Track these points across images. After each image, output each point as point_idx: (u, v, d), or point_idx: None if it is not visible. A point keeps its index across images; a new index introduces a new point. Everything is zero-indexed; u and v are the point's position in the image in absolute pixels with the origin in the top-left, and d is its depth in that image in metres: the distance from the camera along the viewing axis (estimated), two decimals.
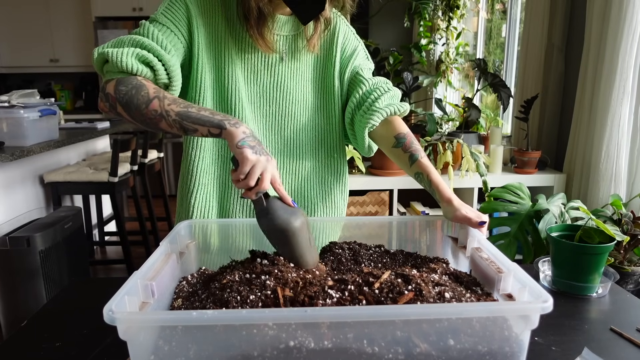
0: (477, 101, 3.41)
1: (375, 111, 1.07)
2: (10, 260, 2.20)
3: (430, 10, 3.58)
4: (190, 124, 0.84)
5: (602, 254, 0.99)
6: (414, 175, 1.06)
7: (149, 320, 0.61)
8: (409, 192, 2.77)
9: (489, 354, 0.62)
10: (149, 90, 0.86)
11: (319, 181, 1.17)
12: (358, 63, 1.15)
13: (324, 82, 1.13)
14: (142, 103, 0.85)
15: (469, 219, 0.92)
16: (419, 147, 1.07)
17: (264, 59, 1.05)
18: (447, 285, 0.72)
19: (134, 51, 0.88)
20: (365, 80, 1.12)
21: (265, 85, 1.06)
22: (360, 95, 1.11)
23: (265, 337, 0.59)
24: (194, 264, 0.94)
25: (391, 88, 1.13)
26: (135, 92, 0.86)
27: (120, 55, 0.87)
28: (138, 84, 0.87)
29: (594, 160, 2.08)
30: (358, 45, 1.17)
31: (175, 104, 0.85)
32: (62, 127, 3.25)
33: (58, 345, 0.81)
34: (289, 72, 1.08)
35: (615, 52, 1.92)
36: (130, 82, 0.87)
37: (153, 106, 0.85)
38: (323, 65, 1.12)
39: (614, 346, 0.81)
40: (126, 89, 0.86)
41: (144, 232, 3.19)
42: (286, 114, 1.09)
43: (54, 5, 5.07)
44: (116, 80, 0.88)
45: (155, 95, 0.86)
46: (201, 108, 0.87)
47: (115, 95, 0.86)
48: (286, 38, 1.06)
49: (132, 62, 0.87)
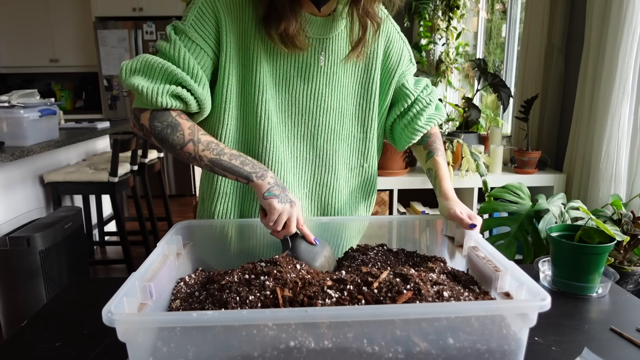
0: (477, 101, 3.41)
1: (416, 129, 1.09)
2: (10, 260, 2.20)
3: (430, 10, 3.57)
4: (221, 170, 0.91)
5: (602, 254, 0.99)
6: (426, 171, 1.10)
7: (148, 321, 0.61)
8: (409, 192, 2.77)
9: (488, 352, 0.62)
10: (184, 132, 0.90)
11: (349, 192, 1.13)
12: (402, 70, 1.09)
13: (364, 89, 1.06)
14: (177, 144, 0.90)
15: (461, 219, 0.92)
16: (438, 146, 1.10)
17: (298, 64, 0.97)
18: (446, 284, 0.72)
19: (168, 89, 0.88)
20: (410, 92, 1.09)
21: (299, 93, 0.99)
22: (405, 108, 1.10)
23: (265, 338, 0.59)
24: (191, 265, 0.94)
25: (432, 99, 1.11)
26: (170, 131, 0.90)
27: (155, 95, 0.88)
28: (173, 122, 0.90)
29: (594, 160, 2.08)
30: (403, 47, 1.10)
31: (208, 149, 0.90)
32: (62, 127, 3.25)
33: (58, 345, 0.81)
34: (325, 78, 1.00)
35: (615, 52, 1.92)
36: (166, 119, 0.90)
37: (187, 149, 0.90)
38: (364, 70, 1.05)
39: (614, 346, 0.81)
40: (161, 126, 0.90)
41: (144, 232, 3.19)
42: (320, 123, 1.03)
43: (54, 5, 5.07)
44: (151, 114, 0.90)
45: (189, 139, 0.90)
46: (233, 155, 0.91)
47: (151, 130, 0.90)
48: (322, 41, 0.97)
49: (167, 100, 0.89)
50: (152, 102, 0.88)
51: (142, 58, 0.90)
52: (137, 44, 4.83)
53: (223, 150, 0.91)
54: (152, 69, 0.89)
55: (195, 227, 0.97)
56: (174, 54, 0.90)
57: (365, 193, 1.17)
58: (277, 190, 0.89)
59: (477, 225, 0.90)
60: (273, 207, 0.87)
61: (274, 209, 0.87)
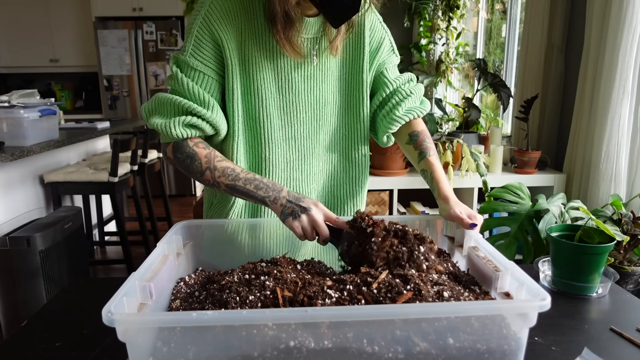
0: (477, 101, 3.41)
1: (394, 119, 1.08)
2: (10, 260, 2.20)
3: (430, 10, 3.57)
4: (239, 195, 0.95)
5: (602, 254, 0.99)
6: (421, 172, 1.09)
7: (148, 321, 0.61)
8: (409, 192, 2.77)
9: (488, 352, 0.62)
10: (202, 161, 0.96)
11: (348, 179, 1.16)
12: (383, 59, 1.11)
13: (353, 78, 1.09)
14: (197, 172, 0.97)
15: (461, 219, 0.91)
16: (429, 146, 1.09)
17: (297, 65, 1.02)
18: (446, 284, 0.72)
19: (181, 120, 0.95)
20: (389, 81, 1.10)
21: (300, 91, 1.04)
22: (383, 97, 1.10)
23: (265, 338, 0.59)
24: (191, 264, 0.94)
25: (413, 91, 1.11)
26: (190, 161, 0.97)
27: (170, 129, 0.95)
28: (191, 152, 0.97)
29: (594, 160, 2.08)
30: (384, 36, 1.12)
31: (224, 176, 0.95)
32: (62, 127, 3.25)
33: (58, 345, 0.81)
34: (319, 74, 1.05)
35: (615, 52, 1.92)
36: (185, 150, 0.97)
37: (206, 177, 0.96)
38: (352, 59, 1.08)
39: (614, 346, 0.81)
40: (182, 157, 0.97)
41: (144, 232, 3.19)
42: (319, 117, 1.07)
43: (54, 5, 5.07)
44: (173, 147, 0.98)
45: (206, 167, 0.96)
46: (247, 180, 0.94)
47: (175, 160, 0.99)
48: (313, 40, 1.02)
49: (182, 131, 0.96)
50: (170, 135, 0.96)
51: (155, 98, 0.98)
52: (137, 44, 4.83)
53: (238, 176, 0.94)
54: (164, 106, 0.97)
55: (195, 227, 0.97)
56: (180, 87, 0.96)
57: (362, 184, 1.18)
58: (290, 208, 0.90)
59: (477, 225, 0.90)
60: (292, 227, 0.89)
61: (293, 227, 0.89)
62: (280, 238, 1.04)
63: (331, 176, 1.14)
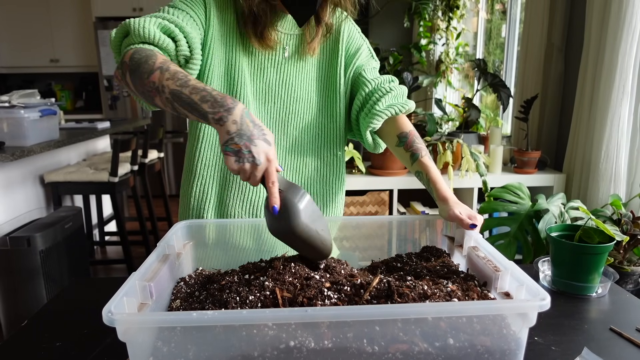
0: (477, 101, 3.41)
1: (375, 114, 1.08)
2: (10, 260, 2.20)
3: (430, 10, 3.58)
4: (180, 108, 0.78)
5: (601, 254, 0.99)
6: (415, 174, 1.08)
7: (148, 321, 0.61)
8: (409, 192, 2.77)
9: (488, 352, 0.62)
10: (157, 60, 0.81)
11: (321, 179, 1.17)
12: (361, 63, 1.14)
13: (328, 81, 1.13)
14: (145, 72, 0.80)
15: (461, 219, 0.91)
16: (420, 146, 1.07)
17: (271, 56, 1.05)
18: (446, 284, 0.72)
19: (157, 20, 0.88)
20: (368, 81, 1.11)
21: (271, 82, 1.07)
22: (364, 97, 1.11)
23: (265, 338, 0.59)
24: (191, 264, 0.94)
25: (394, 87, 1.11)
26: (144, 60, 0.82)
27: (143, 23, 0.86)
28: (150, 53, 0.84)
29: (593, 160, 2.08)
30: (362, 44, 1.16)
31: (173, 79, 0.78)
32: (62, 127, 3.25)
33: (58, 345, 0.81)
34: (294, 70, 1.08)
35: (615, 52, 1.92)
36: (145, 51, 0.84)
37: (153, 77, 0.79)
38: (328, 64, 1.12)
39: (613, 346, 0.81)
40: (139, 57, 0.82)
41: (144, 232, 3.19)
42: (290, 111, 1.09)
43: (54, 5, 5.07)
44: (134, 50, 0.85)
45: (159, 66, 0.80)
46: (196, 89, 0.77)
47: (129, 62, 0.83)
48: (291, 36, 1.06)
49: (154, 31, 0.86)
50: (140, 31, 0.85)
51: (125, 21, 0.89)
52: None
53: (188, 82, 0.78)
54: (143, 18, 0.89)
55: (195, 227, 0.97)
56: (163, 13, 0.93)
57: (335, 187, 1.18)
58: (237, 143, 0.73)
59: (477, 225, 0.90)
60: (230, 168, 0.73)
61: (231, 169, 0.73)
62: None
63: (302, 174, 1.15)
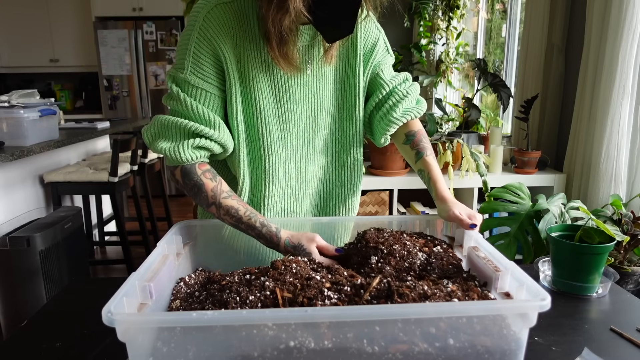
0: (477, 101, 3.41)
1: (392, 121, 1.07)
2: (10, 260, 2.20)
3: (430, 10, 3.57)
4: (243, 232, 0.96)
5: (602, 254, 0.99)
6: (418, 172, 1.08)
7: (148, 321, 0.61)
8: (409, 192, 2.77)
9: (488, 352, 0.62)
10: (208, 195, 0.94)
11: (341, 182, 1.15)
12: (378, 60, 1.09)
13: (347, 82, 1.08)
14: (203, 204, 0.95)
15: (461, 219, 0.91)
16: (426, 145, 1.08)
17: (293, 74, 1.00)
18: (446, 284, 0.72)
19: (189, 144, 0.93)
20: (385, 83, 1.09)
21: (297, 100, 1.02)
22: (380, 99, 1.09)
23: (265, 338, 0.59)
24: (191, 265, 0.94)
25: (410, 91, 1.10)
26: (197, 191, 0.94)
27: (179, 154, 0.93)
28: (198, 182, 0.94)
29: (594, 160, 2.08)
30: (378, 35, 1.10)
31: (228, 215, 0.94)
32: (62, 127, 3.25)
33: (58, 345, 0.81)
34: (315, 80, 1.03)
35: (615, 52, 1.92)
36: (192, 177, 0.94)
37: (211, 210, 0.95)
38: (346, 63, 1.07)
39: (614, 346, 0.81)
40: (190, 185, 0.95)
41: (144, 232, 3.19)
42: (316, 124, 1.06)
43: (54, 5, 5.07)
44: (181, 171, 0.95)
45: (212, 202, 0.94)
46: (249, 226, 0.93)
47: (184, 185, 0.96)
48: (307, 47, 1.00)
49: (190, 155, 0.93)
50: (179, 160, 0.93)
51: (157, 121, 0.95)
52: (137, 44, 4.83)
53: (241, 219, 0.93)
54: (169, 129, 0.94)
55: (195, 227, 0.97)
56: (183, 108, 0.93)
57: (355, 188, 1.17)
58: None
59: (477, 225, 0.90)
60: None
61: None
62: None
63: (324, 180, 1.13)
